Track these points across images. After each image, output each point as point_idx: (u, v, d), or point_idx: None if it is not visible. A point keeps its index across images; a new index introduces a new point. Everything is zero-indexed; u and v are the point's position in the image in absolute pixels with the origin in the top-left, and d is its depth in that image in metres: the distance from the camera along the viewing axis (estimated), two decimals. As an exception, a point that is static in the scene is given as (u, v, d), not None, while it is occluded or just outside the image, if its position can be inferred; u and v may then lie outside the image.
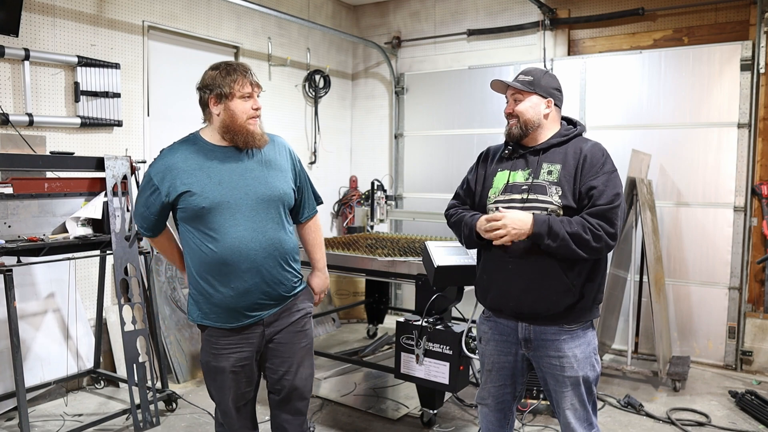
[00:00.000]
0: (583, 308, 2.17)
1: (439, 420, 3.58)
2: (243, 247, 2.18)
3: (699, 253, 4.74)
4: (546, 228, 2.05)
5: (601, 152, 2.17)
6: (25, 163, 3.24)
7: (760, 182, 4.56)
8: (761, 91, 4.52)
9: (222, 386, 2.31)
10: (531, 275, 2.14)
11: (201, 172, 2.19)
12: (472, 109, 5.69)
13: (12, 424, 3.41)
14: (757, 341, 4.55)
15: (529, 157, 2.23)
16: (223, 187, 2.18)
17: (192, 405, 3.76)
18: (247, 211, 2.20)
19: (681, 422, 3.59)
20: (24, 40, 3.71)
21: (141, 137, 4.41)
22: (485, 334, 2.35)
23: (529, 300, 2.15)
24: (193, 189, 2.17)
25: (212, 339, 2.30)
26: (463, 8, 5.86)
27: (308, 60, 5.88)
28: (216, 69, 2.22)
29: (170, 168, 2.20)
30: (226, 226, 2.17)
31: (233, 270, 2.19)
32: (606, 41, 5.28)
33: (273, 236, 2.25)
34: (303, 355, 2.40)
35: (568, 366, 2.17)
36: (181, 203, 2.18)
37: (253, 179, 2.23)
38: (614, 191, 2.09)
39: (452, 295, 3.41)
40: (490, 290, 2.26)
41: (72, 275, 3.91)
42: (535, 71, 2.26)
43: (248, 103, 2.21)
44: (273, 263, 2.26)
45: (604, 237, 2.04)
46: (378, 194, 5.17)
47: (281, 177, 2.31)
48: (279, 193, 2.28)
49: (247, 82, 2.20)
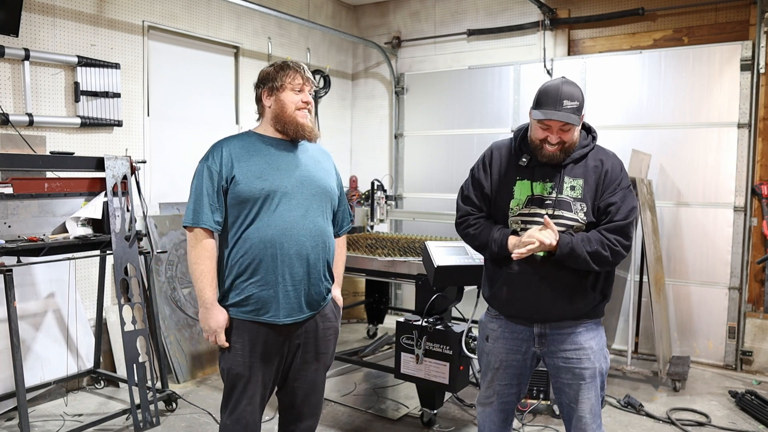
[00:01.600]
0: (601, 306, 2.26)
1: (439, 420, 3.58)
2: (294, 232, 2.21)
3: (699, 253, 4.74)
4: (568, 250, 2.08)
5: (620, 167, 2.22)
6: (25, 163, 3.24)
7: (760, 182, 4.56)
8: (761, 91, 4.52)
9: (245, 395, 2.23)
10: (558, 288, 2.17)
11: (258, 157, 2.23)
12: (472, 109, 5.69)
13: (12, 424, 3.41)
14: (757, 341, 4.55)
15: (550, 169, 2.18)
16: (281, 172, 2.23)
17: (192, 405, 3.76)
18: (301, 199, 2.25)
19: (681, 422, 3.59)
20: (24, 40, 3.71)
21: (141, 137, 4.41)
22: (494, 332, 2.33)
23: (557, 310, 2.19)
24: (252, 171, 2.20)
25: (242, 339, 2.22)
26: (463, 8, 5.86)
27: (308, 60, 5.88)
28: (272, 66, 2.31)
29: (228, 153, 2.22)
30: (281, 210, 2.20)
31: (284, 255, 2.19)
32: (606, 41, 5.28)
33: (322, 227, 2.30)
34: (321, 378, 2.42)
35: (586, 358, 2.20)
36: (239, 186, 2.18)
37: (308, 171, 2.29)
38: (630, 206, 2.15)
39: (452, 295, 3.42)
40: (513, 303, 2.25)
41: (72, 275, 3.91)
42: (576, 92, 2.12)
43: (298, 96, 2.27)
44: (318, 255, 2.27)
45: (620, 251, 2.12)
46: (378, 194, 5.17)
47: (329, 176, 2.39)
48: (328, 188, 2.35)
49: (299, 76, 2.26)
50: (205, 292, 2.18)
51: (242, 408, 2.24)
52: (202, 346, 4.38)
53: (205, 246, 2.19)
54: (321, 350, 2.37)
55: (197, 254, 2.19)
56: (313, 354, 2.35)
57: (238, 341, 2.22)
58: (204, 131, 4.87)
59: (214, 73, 5.04)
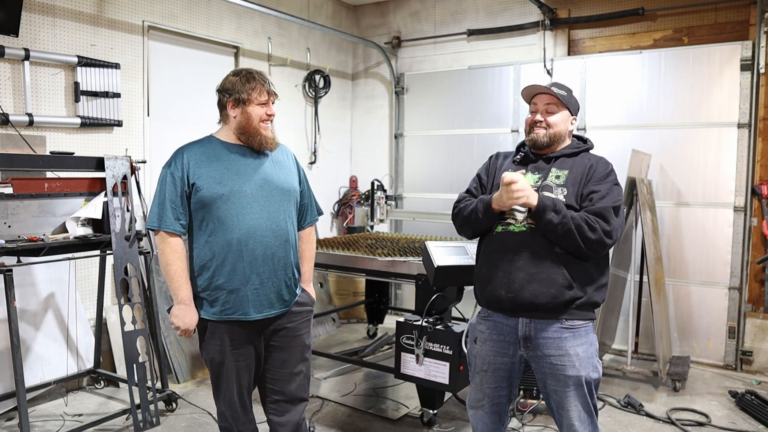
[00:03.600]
0: (582, 305, 2.19)
1: (439, 420, 3.58)
2: (258, 233, 2.31)
3: (699, 253, 4.74)
4: (551, 202, 2.14)
5: (607, 165, 2.31)
6: (25, 163, 3.24)
7: (760, 182, 4.56)
8: (761, 91, 4.52)
9: (229, 380, 2.37)
10: (533, 267, 2.17)
11: (218, 163, 2.33)
12: (472, 109, 5.69)
13: (12, 424, 3.41)
14: (757, 341, 4.55)
15: (541, 163, 2.33)
16: (240, 177, 2.32)
17: (192, 405, 3.76)
18: (262, 201, 2.34)
19: (681, 422, 3.59)
20: (24, 40, 3.71)
21: (141, 137, 4.41)
22: (482, 334, 2.34)
23: (529, 291, 2.16)
24: (212, 176, 2.29)
25: (219, 333, 2.34)
26: (463, 8, 5.86)
27: (308, 60, 5.88)
28: (237, 75, 2.37)
29: (189, 159, 2.33)
30: (243, 213, 2.29)
31: (249, 255, 2.29)
32: (606, 41, 5.28)
33: (285, 227, 2.39)
34: (299, 359, 2.50)
35: (570, 365, 2.16)
36: (200, 191, 2.27)
37: (267, 173, 2.39)
38: (614, 199, 2.19)
39: (452, 295, 3.41)
40: (489, 282, 2.26)
41: (72, 275, 3.91)
42: (567, 88, 2.36)
43: (263, 109, 2.36)
44: (284, 253, 2.38)
45: (599, 231, 2.12)
46: (378, 194, 5.17)
47: (290, 175, 2.49)
48: (290, 186, 2.44)
49: (265, 91, 2.35)
50: (180, 291, 2.30)
51: (230, 392, 2.38)
52: (202, 346, 4.37)
53: (173, 246, 2.30)
54: (295, 333, 2.47)
55: (168, 256, 2.29)
56: (290, 338, 2.46)
57: (214, 336, 2.34)
58: (204, 131, 4.78)
59: (214, 73, 5.02)
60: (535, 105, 2.34)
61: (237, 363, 2.36)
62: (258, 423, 2.57)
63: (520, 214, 2.22)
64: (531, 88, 2.35)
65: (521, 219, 2.22)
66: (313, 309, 2.59)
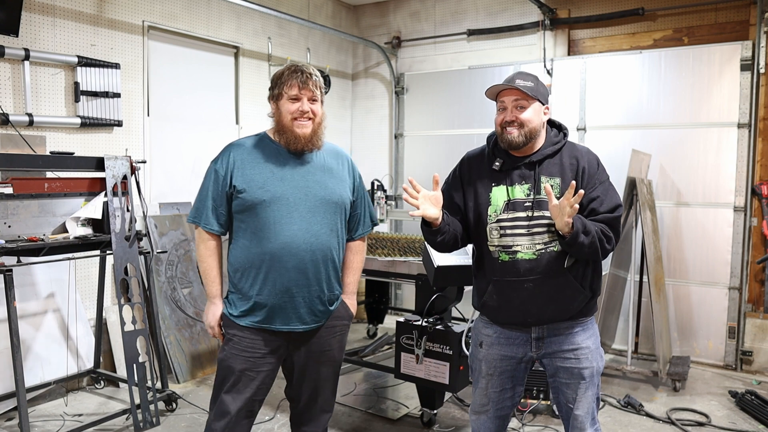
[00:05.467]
0: (592, 302, 2.24)
1: (439, 420, 3.58)
2: (294, 246, 2.19)
3: (699, 253, 4.74)
4: (581, 224, 2.04)
5: (596, 161, 2.21)
6: (25, 163, 3.23)
7: (760, 182, 4.56)
8: (761, 91, 4.52)
9: (236, 387, 2.27)
10: (550, 289, 2.14)
11: (264, 165, 2.23)
12: (472, 109, 5.69)
13: (12, 424, 3.41)
14: (757, 341, 4.55)
15: (525, 170, 2.17)
16: (284, 183, 2.21)
17: (192, 405, 3.76)
18: (304, 212, 2.22)
19: (681, 422, 3.59)
20: (24, 40, 3.71)
21: (141, 137, 4.40)
22: (489, 338, 2.28)
23: (549, 313, 2.17)
24: (255, 180, 2.20)
25: (237, 338, 2.27)
26: (463, 8, 5.86)
27: (308, 60, 5.87)
28: (282, 69, 2.27)
29: (235, 158, 2.24)
30: (282, 223, 2.19)
31: (282, 268, 2.19)
32: (606, 41, 5.28)
33: (324, 242, 2.25)
34: (326, 374, 2.44)
35: (584, 357, 2.19)
36: (241, 194, 2.20)
37: (314, 182, 2.26)
38: (613, 201, 2.15)
39: (452, 295, 3.41)
40: (501, 310, 2.22)
41: (72, 275, 3.91)
42: (532, 76, 2.18)
43: (296, 105, 2.20)
44: (322, 267, 2.26)
45: (613, 240, 2.12)
46: (378, 194, 5.17)
47: (340, 184, 2.33)
48: (337, 198, 2.29)
49: (294, 84, 2.19)
50: (209, 287, 2.30)
51: (227, 399, 2.25)
52: (202, 346, 4.38)
53: (207, 245, 2.28)
54: (325, 348, 2.39)
55: (201, 252, 2.29)
56: (318, 353, 2.37)
57: (238, 338, 2.26)
58: (204, 131, 4.87)
59: (214, 73, 5.04)
60: (503, 103, 2.17)
61: (251, 371, 2.25)
62: (261, 422, 2.57)
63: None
64: (494, 87, 2.18)
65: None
66: (350, 323, 2.48)
